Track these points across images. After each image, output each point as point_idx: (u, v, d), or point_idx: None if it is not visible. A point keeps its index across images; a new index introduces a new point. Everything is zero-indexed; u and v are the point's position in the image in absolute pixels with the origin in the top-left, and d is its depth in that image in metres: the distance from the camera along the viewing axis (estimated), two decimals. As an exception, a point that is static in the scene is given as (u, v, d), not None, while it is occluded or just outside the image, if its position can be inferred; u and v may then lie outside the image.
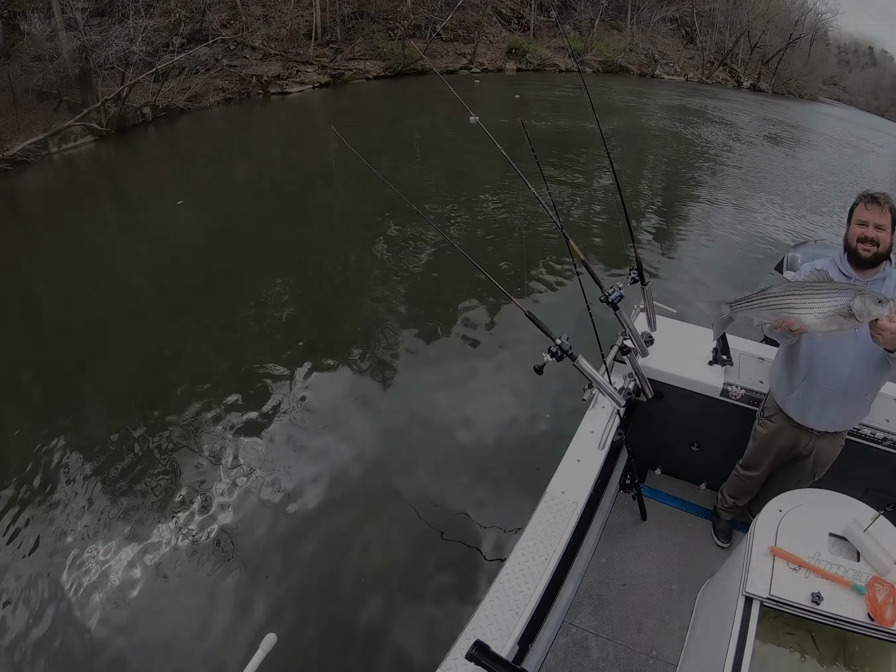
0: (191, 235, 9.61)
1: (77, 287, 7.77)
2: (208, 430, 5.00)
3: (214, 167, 13.35)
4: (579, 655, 2.67)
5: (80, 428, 5.15)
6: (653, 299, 3.15)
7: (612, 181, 11.68)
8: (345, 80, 24.83)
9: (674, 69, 37.92)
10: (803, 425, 2.60)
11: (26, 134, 13.34)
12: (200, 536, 4.04)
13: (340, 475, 4.55)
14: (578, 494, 2.42)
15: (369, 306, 7.02)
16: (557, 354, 2.40)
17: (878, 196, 2.28)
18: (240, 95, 20.49)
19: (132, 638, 3.45)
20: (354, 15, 26.99)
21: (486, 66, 30.76)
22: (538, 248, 8.75)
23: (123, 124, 15.64)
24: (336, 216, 10.43)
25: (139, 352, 6.15)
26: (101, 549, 3.96)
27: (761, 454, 2.84)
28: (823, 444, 2.64)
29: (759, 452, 2.85)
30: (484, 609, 2.00)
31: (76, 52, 14.66)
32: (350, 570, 3.87)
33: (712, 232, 10.11)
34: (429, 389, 5.55)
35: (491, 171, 12.28)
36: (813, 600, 1.88)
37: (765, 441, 2.78)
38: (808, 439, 2.64)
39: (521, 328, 6.17)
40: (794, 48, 41.73)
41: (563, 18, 34.96)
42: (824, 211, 12.32)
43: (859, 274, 2.36)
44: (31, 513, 4.26)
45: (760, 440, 2.81)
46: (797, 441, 2.67)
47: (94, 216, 10.63)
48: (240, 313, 6.85)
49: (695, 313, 6.71)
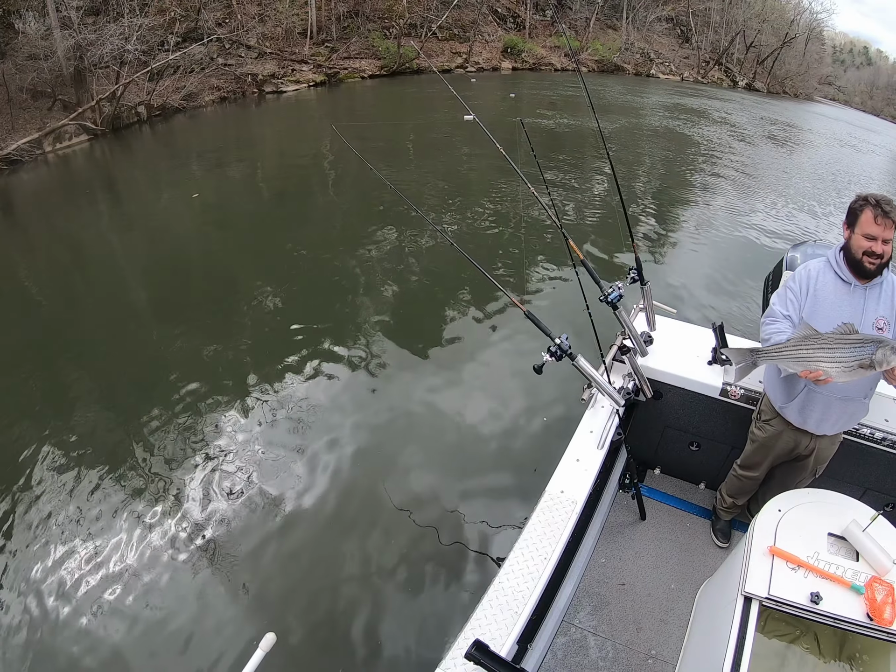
0: (186, 234, 9.57)
1: (71, 285, 7.74)
2: (205, 429, 4.98)
3: (209, 166, 13.29)
4: (578, 655, 2.67)
5: (77, 428, 5.11)
6: (652, 299, 3.16)
7: (611, 181, 11.75)
8: (340, 79, 24.82)
9: (669, 68, 38.02)
10: (803, 429, 2.59)
11: (21, 133, 13.27)
12: (198, 536, 4.03)
13: (337, 475, 4.54)
14: (577, 494, 2.42)
15: (367, 306, 7.00)
16: (557, 354, 2.40)
17: (890, 211, 2.20)
18: (235, 94, 20.44)
19: (132, 638, 3.44)
20: (350, 14, 26.96)
21: (482, 65, 30.80)
22: (537, 247, 8.75)
23: (118, 123, 15.56)
24: (333, 215, 10.41)
25: (132, 350, 6.12)
26: (96, 550, 3.93)
27: (760, 456, 2.83)
28: (824, 442, 2.64)
29: (757, 454, 2.84)
30: (483, 608, 2.00)
31: (71, 51, 14.56)
32: (348, 569, 3.86)
33: (711, 231, 10.13)
34: (427, 389, 5.54)
35: (489, 170, 12.28)
36: (812, 600, 1.89)
37: (763, 444, 2.77)
38: (808, 440, 2.63)
39: (520, 328, 6.19)
40: (790, 48, 41.89)
41: (559, 18, 35.00)
42: (822, 210, 12.36)
43: (858, 280, 2.35)
44: (24, 513, 4.23)
45: (759, 443, 2.79)
46: (797, 443, 2.66)
47: (89, 215, 10.57)
48: (235, 312, 6.82)
49: (694, 313, 6.80)
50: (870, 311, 2.34)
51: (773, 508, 2.21)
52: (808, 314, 2.39)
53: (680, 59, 39.34)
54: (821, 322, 2.29)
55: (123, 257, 8.73)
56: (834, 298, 2.37)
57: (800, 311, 2.42)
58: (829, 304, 2.37)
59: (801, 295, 2.43)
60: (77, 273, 8.26)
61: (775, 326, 2.43)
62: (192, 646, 3.40)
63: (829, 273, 2.40)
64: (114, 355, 6.09)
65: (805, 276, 2.44)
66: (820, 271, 2.42)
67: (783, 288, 2.51)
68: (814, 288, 2.41)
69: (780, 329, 2.40)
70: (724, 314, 6.84)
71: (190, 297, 7.30)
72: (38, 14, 14.72)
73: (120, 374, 5.81)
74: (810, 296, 2.41)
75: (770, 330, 2.44)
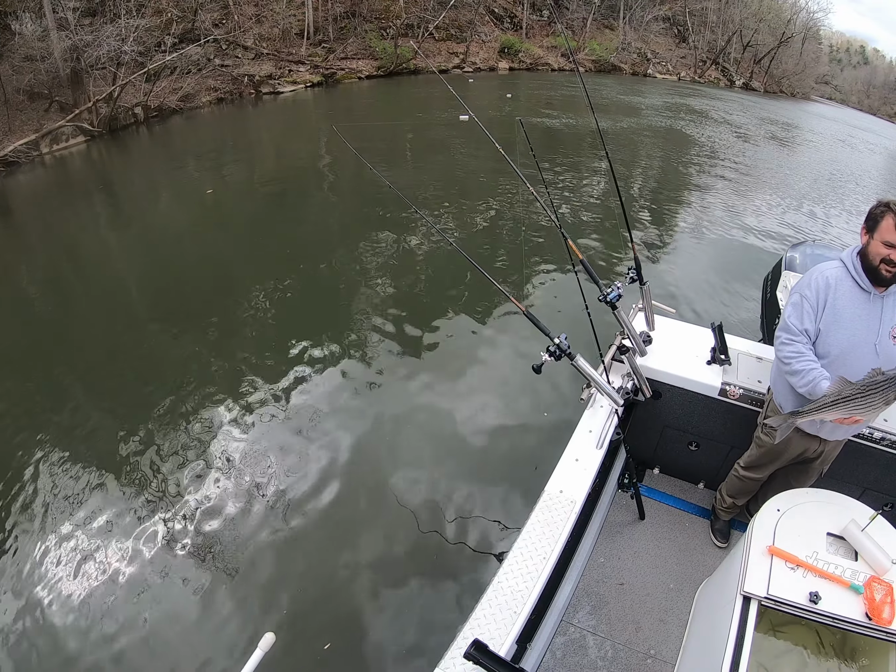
0: (183, 235, 9.55)
1: (68, 287, 7.73)
2: (204, 430, 4.97)
3: (206, 167, 13.28)
4: (577, 655, 2.66)
5: (77, 428, 5.11)
6: (651, 299, 3.15)
7: (610, 180, 11.76)
8: (337, 80, 24.82)
9: (666, 68, 38.08)
10: (815, 435, 2.56)
11: (17, 135, 13.26)
12: (198, 537, 4.02)
13: (336, 474, 4.54)
14: (577, 494, 2.42)
15: (365, 305, 6.99)
16: (556, 354, 2.39)
17: None
18: (232, 95, 20.43)
19: (131, 639, 3.43)
20: (346, 14, 26.97)
21: (479, 65, 30.82)
22: (536, 247, 8.75)
23: (115, 125, 15.55)
24: (331, 216, 10.40)
25: (129, 351, 6.11)
26: (94, 551, 3.93)
27: (766, 459, 2.79)
28: (832, 445, 2.62)
29: (764, 458, 2.80)
30: (482, 608, 2.00)
31: (67, 52, 14.56)
32: (347, 569, 3.85)
33: (710, 231, 10.14)
34: (426, 389, 5.54)
35: (487, 170, 12.28)
36: (811, 600, 1.89)
37: (771, 449, 2.70)
38: (817, 444, 2.60)
39: (519, 327, 6.20)
40: (786, 47, 42.00)
41: (556, 18, 35.04)
42: (820, 210, 12.39)
43: (876, 289, 2.29)
44: (24, 513, 4.23)
45: (766, 449, 2.74)
46: (806, 448, 2.63)
47: (86, 217, 10.56)
48: (233, 313, 6.81)
49: (693, 313, 6.81)
50: (887, 320, 2.28)
51: (772, 508, 2.21)
52: (826, 325, 2.32)
53: (677, 58, 39.40)
54: (840, 333, 2.27)
55: (120, 259, 8.72)
56: (853, 308, 2.29)
57: (817, 322, 2.34)
58: (848, 314, 2.29)
59: (819, 306, 2.33)
60: (74, 274, 8.25)
61: (795, 348, 2.35)
62: (191, 646, 3.40)
63: (846, 281, 2.32)
64: (112, 356, 6.08)
65: (823, 285, 2.33)
66: (838, 279, 2.32)
67: (798, 297, 2.39)
68: (832, 298, 2.31)
69: (800, 352, 2.33)
70: (723, 314, 6.84)
71: (187, 298, 7.28)
72: (35, 15, 14.68)
73: (120, 374, 5.80)
74: (829, 307, 2.32)
75: (789, 354, 2.37)
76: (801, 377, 2.32)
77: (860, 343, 2.29)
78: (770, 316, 5.78)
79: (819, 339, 2.35)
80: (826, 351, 2.34)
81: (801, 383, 2.33)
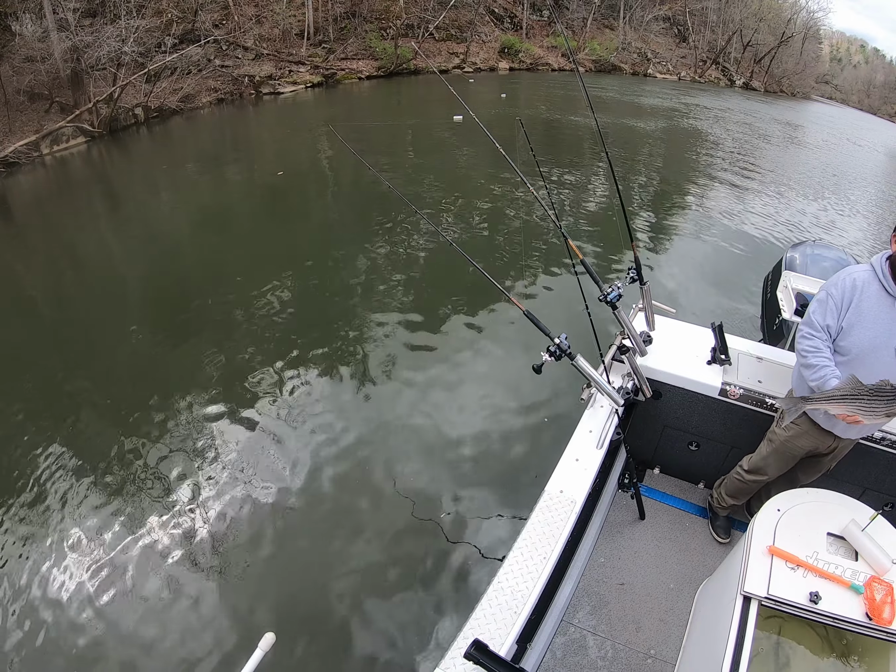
0: (184, 235, 9.57)
1: (68, 287, 7.73)
2: (204, 430, 4.97)
3: (207, 167, 13.28)
4: (578, 655, 2.66)
5: (76, 428, 5.11)
6: (651, 299, 3.15)
7: (610, 180, 11.77)
8: (337, 80, 24.85)
9: (666, 68, 38.10)
10: (829, 431, 2.57)
11: (18, 135, 13.26)
12: (197, 537, 4.02)
13: (336, 475, 4.54)
14: (577, 494, 2.41)
15: (365, 305, 7.00)
16: (556, 354, 2.39)
17: None
18: (232, 96, 20.46)
19: (131, 639, 3.43)
20: (347, 15, 26.99)
21: (479, 65, 30.86)
22: (536, 247, 8.76)
23: (115, 125, 15.57)
24: (330, 215, 10.41)
25: (129, 351, 6.11)
26: (93, 551, 3.93)
27: (775, 458, 2.78)
28: (845, 442, 2.64)
29: (772, 456, 2.79)
30: (482, 608, 1.99)
31: (68, 53, 14.57)
32: (348, 569, 3.85)
33: (711, 231, 10.14)
34: (426, 389, 5.54)
35: (486, 169, 12.28)
36: (811, 599, 1.88)
37: (784, 444, 2.71)
38: (830, 440, 2.61)
39: (519, 327, 6.19)
40: (787, 46, 41.99)
41: (556, 18, 35.07)
42: (821, 210, 12.39)
43: None
44: (24, 513, 4.23)
45: (779, 443, 2.73)
46: (818, 444, 2.64)
47: (86, 217, 10.56)
48: (233, 313, 6.81)
49: (693, 313, 6.80)
50: None
51: (772, 508, 2.21)
52: (847, 325, 2.36)
53: (677, 58, 39.42)
54: (862, 334, 2.30)
55: (120, 259, 8.72)
56: (877, 311, 2.33)
57: (839, 320, 2.38)
58: (871, 317, 2.34)
59: (843, 305, 2.38)
60: (74, 275, 8.24)
61: (814, 343, 2.41)
62: (191, 646, 3.40)
63: (874, 284, 2.35)
64: (112, 356, 6.08)
65: (850, 286, 2.37)
66: (865, 282, 2.36)
67: (824, 294, 2.44)
68: (857, 299, 2.36)
69: (818, 348, 2.39)
70: (723, 314, 6.84)
71: (188, 298, 7.28)
72: (35, 16, 14.70)
73: (119, 374, 5.80)
74: (853, 307, 2.36)
75: (807, 347, 2.43)
76: (813, 371, 2.39)
77: (881, 345, 2.32)
78: (770, 316, 5.76)
79: (840, 337, 2.40)
80: (846, 349, 2.39)
81: (813, 377, 2.40)
